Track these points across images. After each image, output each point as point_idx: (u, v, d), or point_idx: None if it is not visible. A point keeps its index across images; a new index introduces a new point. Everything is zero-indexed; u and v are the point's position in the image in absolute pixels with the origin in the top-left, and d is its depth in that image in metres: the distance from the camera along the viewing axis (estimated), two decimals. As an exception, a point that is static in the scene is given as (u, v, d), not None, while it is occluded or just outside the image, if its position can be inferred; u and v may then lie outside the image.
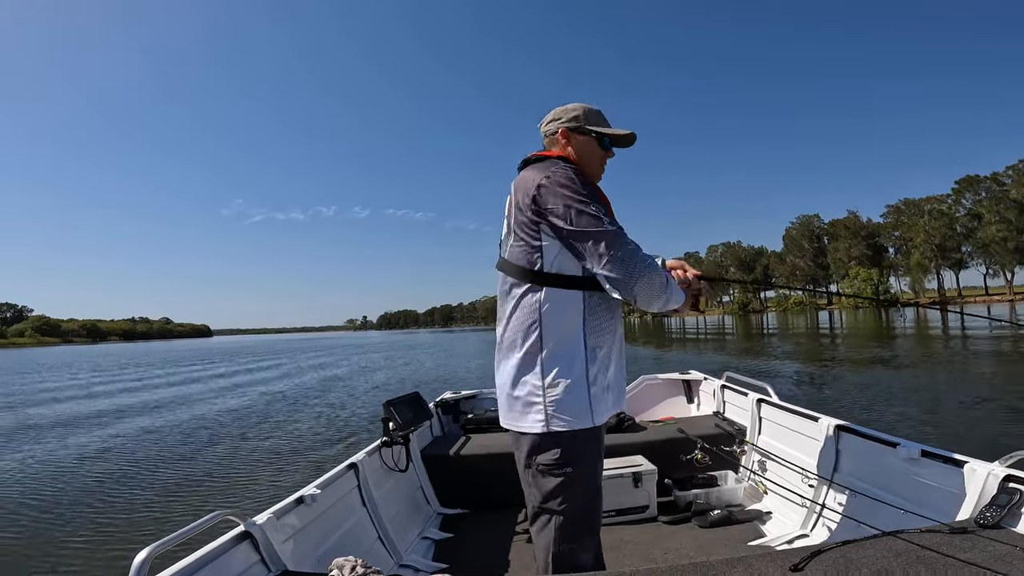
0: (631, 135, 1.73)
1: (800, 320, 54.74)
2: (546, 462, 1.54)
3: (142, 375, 23.93)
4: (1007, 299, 71.09)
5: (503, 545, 2.65)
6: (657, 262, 1.90)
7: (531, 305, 1.56)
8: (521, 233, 1.57)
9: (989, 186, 76.89)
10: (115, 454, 7.70)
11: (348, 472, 2.52)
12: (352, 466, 2.57)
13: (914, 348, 17.42)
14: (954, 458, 1.84)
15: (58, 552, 4.22)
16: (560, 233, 1.51)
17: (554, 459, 1.54)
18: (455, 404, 4.18)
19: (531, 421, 1.55)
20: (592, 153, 1.71)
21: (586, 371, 1.55)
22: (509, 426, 1.64)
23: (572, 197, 1.50)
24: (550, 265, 1.55)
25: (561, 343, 1.54)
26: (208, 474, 6.35)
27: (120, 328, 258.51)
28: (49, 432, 9.82)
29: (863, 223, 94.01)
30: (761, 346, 22.61)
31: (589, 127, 1.70)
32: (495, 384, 1.73)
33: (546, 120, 1.76)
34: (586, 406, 1.54)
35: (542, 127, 1.77)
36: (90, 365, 35.27)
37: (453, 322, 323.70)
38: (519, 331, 1.57)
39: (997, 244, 74.39)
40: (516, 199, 1.60)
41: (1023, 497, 1.53)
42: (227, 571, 1.56)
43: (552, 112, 1.76)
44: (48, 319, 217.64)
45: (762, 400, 3.12)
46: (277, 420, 9.97)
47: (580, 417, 1.54)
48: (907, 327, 29.68)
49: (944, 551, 1.34)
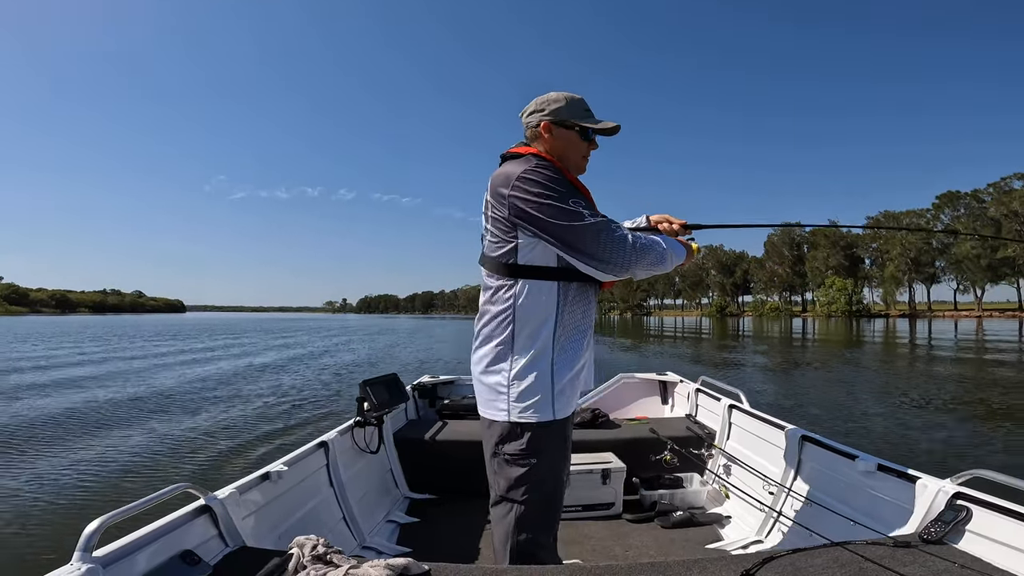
0: (615, 127, 1.68)
1: (775, 325, 55.79)
2: (511, 452, 1.57)
3: (104, 347, 23.39)
4: (975, 315, 73.35)
5: (469, 533, 2.65)
6: (642, 223, 1.85)
7: (506, 299, 1.57)
8: (495, 229, 1.58)
9: (969, 203, 78.63)
10: (78, 424, 7.51)
11: (318, 451, 2.49)
12: (322, 444, 2.54)
13: (878, 356, 17.88)
14: (908, 473, 1.88)
15: (6, 523, 4.10)
16: (538, 230, 1.50)
17: (519, 449, 1.56)
18: (432, 388, 4.15)
19: (497, 410, 1.58)
20: (574, 146, 1.67)
21: (552, 366, 1.57)
22: (482, 414, 1.65)
23: (547, 195, 1.48)
24: (524, 258, 1.56)
25: (531, 337, 1.56)
26: (177, 451, 6.23)
27: (91, 300, 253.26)
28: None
29: (843, 233, 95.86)
30: (737, 345, 23.01)
31: (572, 120, 1.65)
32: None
33: (527, 111, 1.70)
34: (549, 400, 1.56)
35: (523, 117, 1.71)
36: (46, 336, 34.33)
37: (433, 309, 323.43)
38: (493, 323, 1.60)
39: (970, 261, 76.40)
40: (492, 195, 1.58)
41: (969, 515, 1.57)
42: (181, 544, 1.53)
43: (533, 102, 1.69)
44: (17, 288, 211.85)
45: (734, 406, 3.16)
46: (247, 396, 9.85)
47: (543, 410, 1.55)
48: (876, 336, 30.45)
49: (886, 564, 1.39)
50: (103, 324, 60.59)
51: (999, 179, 75.23)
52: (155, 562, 1.44)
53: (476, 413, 3.68)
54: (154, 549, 1.45)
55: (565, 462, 1.67)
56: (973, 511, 1.57)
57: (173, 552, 1.49)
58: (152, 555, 1.44)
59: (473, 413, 3.68)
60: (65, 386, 11.16)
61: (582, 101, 1.68)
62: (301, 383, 11.84)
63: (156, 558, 1.45)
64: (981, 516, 1.55)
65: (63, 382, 11.85)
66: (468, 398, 4.04)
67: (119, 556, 1.35)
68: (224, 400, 9.62)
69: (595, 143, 1.70)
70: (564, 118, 1.64)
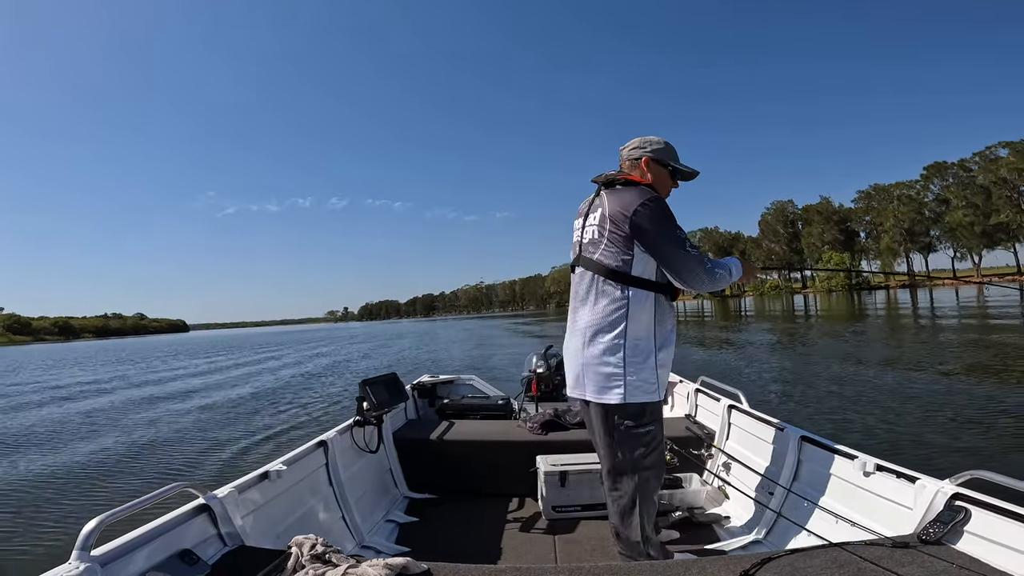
0: (696, 173, 2.12)
1: (776, 304, 55.73)
2: (631, 423, 1.92)
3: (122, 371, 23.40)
4: (974, 281, 73.13)
5: (468, 532, 2.65)
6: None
7: (619, 299, 1.91)
8: (613, 244, 1.92)
9: (956, 172, 78.62)
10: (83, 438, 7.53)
11: (317, 450, 2.52)
12: (321, 444, 2.56)
13: (882, 329, 17.85)
14: (907, 474, 1.88)
15: (5, 522, 4.14)
16: (653, 251, 1.88)
17: (639, 421, 1.92)
18: (432, 388, 4.16)
19: (613, 395, 1.90)
20: (665, 183, 2.08)
21: (656, 358, 1.92)
22: (590, 398, 1.97)
23: (666, 224, 1.87)
24: (637, 271, 1.91)
25: (639, 335, 1.90)
26: (175, 450, 6.27)
27: (93, 325, 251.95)
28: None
29: (835, 208, 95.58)
30: (739, 326, 23.01)
31: (667, 161, 2.06)
32: (566, 359, 2.08)
33: (631, 146, 2.10)
34: (655, 385, 1.92)
35: (625, 151, 2.11)
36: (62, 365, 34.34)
37: (435, 311, 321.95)
38: (605, 320, 1.92)
39: (964, 228, 76.21)
40: (611, 214, 1.92)
41: (967, 515, 1.56)
42: (180, 543, 1.54)
43: (637, 140, 2.10)
44: (19, 317, 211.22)
45: (733, 406, 3.15)
46: (256, 405, 9.86)
47: (652, 392, 1.92)
48: (878, 309, 30.44)
49: (884, 565, 1.40)
50: (115, 348, 59.97)
51: (984, 148, 75.20)
52: (153, 561, 1.44)
53: (476, 413, 3.86)
54: (152, 548, 1.46)
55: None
56: (972, 512, 1.57)
57: (172, 551, 1.50)
58: (150, 554, 1.44)
59: (472, 412, 3.83)
60: (67, 388, 11.10)
61: (674, 148, 2.10)
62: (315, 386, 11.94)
63: (154, 557, 1.45)
64: (980, 517, 1.54)
65: (66, 385, 11.78)
66: (468, 397, 4.09)
67: (117, 555, 1.36)
68: (268, 408, 9.61)
69: (678, 184, 2.13)
70: (661, 158, 2.06)
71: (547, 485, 2.74)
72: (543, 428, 3.21)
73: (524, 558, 2.36)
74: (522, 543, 2.52)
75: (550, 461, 2.83)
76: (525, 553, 2.41)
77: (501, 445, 3.16)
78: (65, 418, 8.73)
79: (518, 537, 2.58)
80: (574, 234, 2.13)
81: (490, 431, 3.37)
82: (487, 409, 3.81)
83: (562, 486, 2.73)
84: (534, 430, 3.21)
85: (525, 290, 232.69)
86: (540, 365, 4.26)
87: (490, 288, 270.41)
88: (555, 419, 3.28)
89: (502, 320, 72.89)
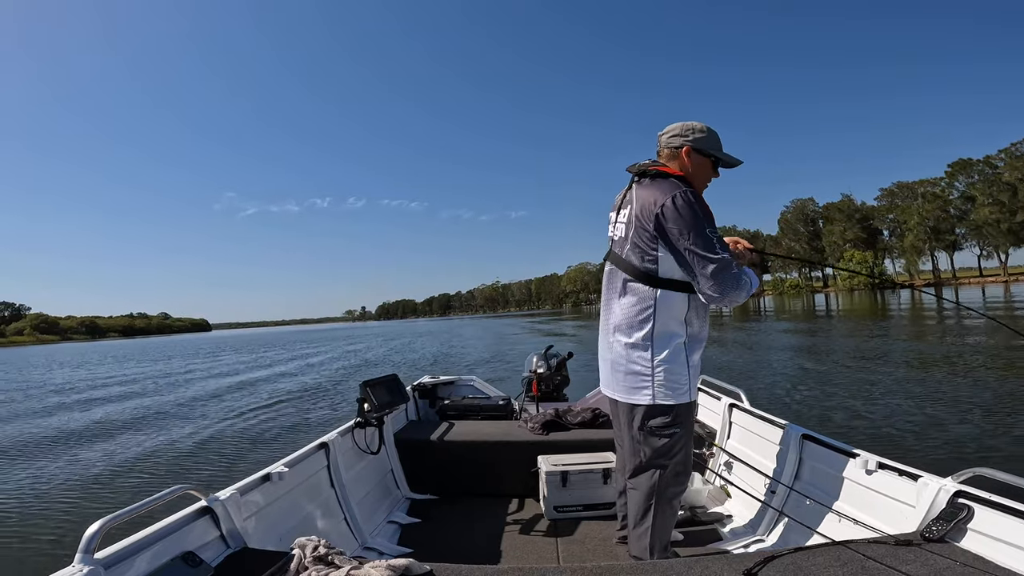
0: (739, 162, 1.97)
1: (797, 303, 54.83)
2: (658, 425, 1.89)
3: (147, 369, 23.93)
4: (1001, 280, 71.26)
5: (470, 532, 2.65)
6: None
7: (646, 299, 1.86)
8: (640, 242, 1.85)
9: (982, 169, 76.58)
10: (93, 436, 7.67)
11: (318, 452, 2.54)
12: (323, 445, 2.58)
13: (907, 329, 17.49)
14: (909, 471, 1.87)
15: (9, 524, 4.22)
16: (677, 251, 1.79)
17: (665, 423, 1.88)
18: (432, 389, 4.19)
19: (641, 395, 1.88)
20: (705, 172, 1.95)
21: (687, 359, 1.88)
22: (619, 397, 1.95)
23: (693, 223, 1.76)
24: (664, 271, 1.84)
25: (669, 336, 1.86)
26: (178, 453, 6.32)
27: (119, 324, 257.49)
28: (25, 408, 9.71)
29: (857, 206, 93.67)
30: (759, 328, 22.75)
31: (710, 150, 1.92)
32: (599, 355, 2.06)
33: (670, 132, 1.96)
34: (686, 386, 1.88)
35: (663, 138, 1.97)
36: (83, 362, 35.18)
37: (451, 311, 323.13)
38: (635, 319, 1.87)
39: (990, 226, 74.22)
40: (639, 211, 1.84)
41: (970, 513, 1.55)
42: (182, 546, 1.56)
43: (679, 126, 1.95)
44: (47, 317, 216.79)
45: (734, 405, 3.14)
46: (261, 405, 10.00)
47: (682, 394, 1.88)
48: (902, 309, 29.82)
49: (887, 563, 1.40)
50: (145, 347, 60.91)
51: (1009, 144, 73.11)
52: (156, 563, 1.45)
53: (477, 414, 3.82)
54: (155, 551, 1.47)
55: (693, 435, 2.04)
56: (975, 509, 1.56)
57: (174, 553, 1.51)
58: (153, 557, 1.46)
59: (473, 413, 3.85)
60: (71, 391, 11.29)
61: (718, 136, 1.96)
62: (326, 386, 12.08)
63: (157, 559, 1.46)
64: (983, 514, 1.53)
65: (64, 389, 11.96)
66: (468, 398, 4.09)
67: (120, 558, 1.37)
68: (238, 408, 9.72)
69: (719, 173, 1.99)
70: (703, 147, 1.92)
71: (548, 485, 2.75)
72: (544, 428, 3.21)
73: (526, 559, 2.37)
74: (524, 544, 2.52)
75: (551, 461, 2.83)
76: (527, 554, 2.41)
77: (502, 445, 3.17)
78: (71, 420, 8.86)
79: (520, 538, 2.59)
80: (608, 227, 2.08)
81: (491, 431, 3.37)
82: (488, 409, 3.81)
83: (563, 486, 2.74)
84: (535, 430, 3.22)
85: (541, 289, 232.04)
86: (540, 365, 4.24)
87: (506, 287, 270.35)
88: (556, 419, 3.29)
89: (518, 319, 72.90)
